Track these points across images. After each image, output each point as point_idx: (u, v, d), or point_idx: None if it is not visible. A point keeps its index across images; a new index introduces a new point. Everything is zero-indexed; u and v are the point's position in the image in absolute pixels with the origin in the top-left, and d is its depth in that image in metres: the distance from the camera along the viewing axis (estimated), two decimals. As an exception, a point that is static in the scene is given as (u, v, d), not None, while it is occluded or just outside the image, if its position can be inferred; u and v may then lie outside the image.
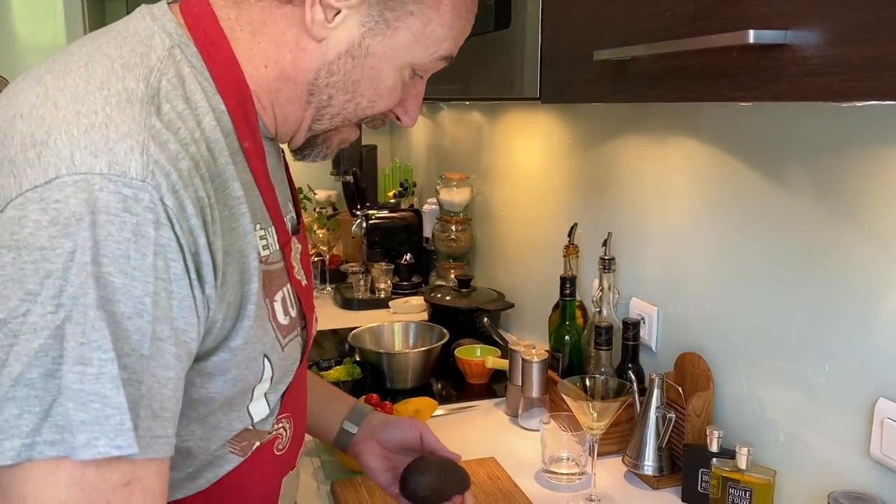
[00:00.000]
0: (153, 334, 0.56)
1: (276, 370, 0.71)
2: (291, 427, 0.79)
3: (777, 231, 1.10)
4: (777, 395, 1.12)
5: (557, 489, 1.22)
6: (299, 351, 0.76)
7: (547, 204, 1.82)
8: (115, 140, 0.56)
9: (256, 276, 0.66)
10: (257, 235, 0.68)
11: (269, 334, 0.69)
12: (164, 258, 0.57)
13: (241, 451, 0.72)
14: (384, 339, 1.77)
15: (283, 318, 0.72)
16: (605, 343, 1.36)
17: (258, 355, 0.68)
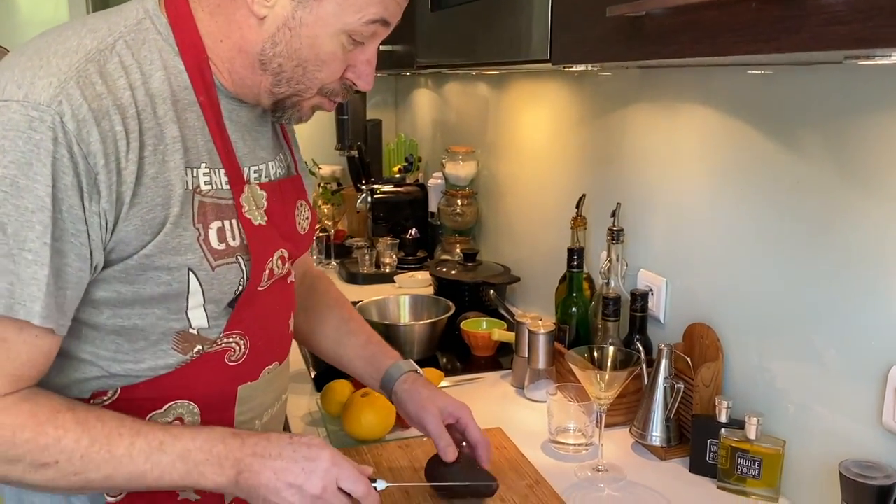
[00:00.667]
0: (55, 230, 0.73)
1: (206, 286, 0.85)
2: (247, 344, 0.92)
3: (789, 198, 1.08)
4: (787, 366, 1.11)
5: (564, 459, 1.22)
6: (238, 277, 0.88)
7: (554, 176, 1.80)
8: (40, 77, 0.74)
9: (180, 202, 0.81)
10: (195, 171, 0.83)
11: (194, 252, 0.83)
12: (61, 170, 0.73)
13: (181, 350, 0.87)
14: (390, 312, 1.76)
15: (216, 243, 0.85)
16: (613, 314, 1.35)
17: (180, 267, 0.82)
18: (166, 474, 0.79)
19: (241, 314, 0.90)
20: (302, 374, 1.58)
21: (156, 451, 0.79)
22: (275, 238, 0.94)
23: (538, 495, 1.08)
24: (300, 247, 1.03)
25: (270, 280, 0.95)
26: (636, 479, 1.15)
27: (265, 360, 0.97)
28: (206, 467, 0.80)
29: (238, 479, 0.81)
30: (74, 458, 0.76)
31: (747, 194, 1.16)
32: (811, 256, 1.05)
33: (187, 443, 0.80)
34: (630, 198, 1.45)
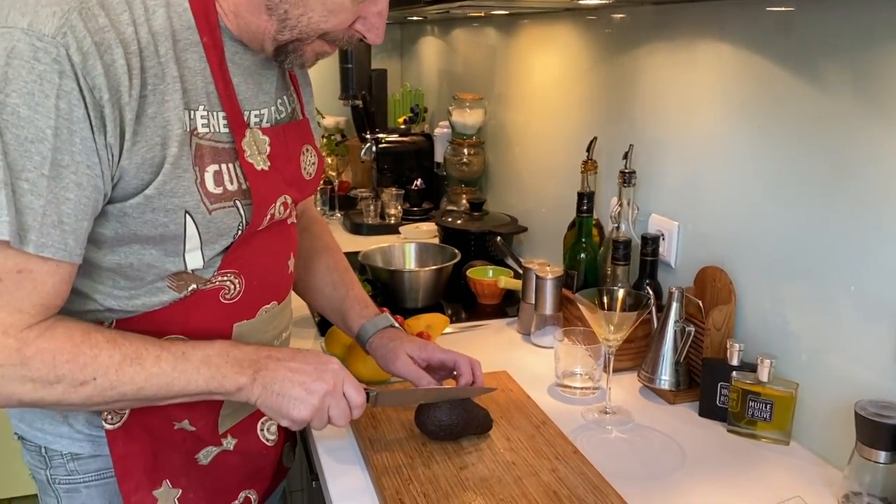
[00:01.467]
0: (54, 160, 0.72)
1: (203, 229, 0.84)
2: (242, 283, 0.92)
3: (809, 136, 1.04)
4: (801, 309, 1.08)
5: (571, 402, 1.20)
6: (236, 221, 0.87)
7: (564, 123, 1.76)
8: (44, 6, 0.72)
9: (178, 143, 0.80)
10: (192, 113, 0.81)
11: (192, 195, 0.82)
12: (66, 102, 0.72)
13: (176, 288, 0.87)
14: (395, 259, 1.74)
15: (212, 187, 0.84)
16: (623, 258, 1.32)
17: (177, 209, 0.81)
18: (192, 381, 0.82)
19: (236, 253, 0.90)
20: (306, 318, 1.56)
21: (180, 360, 0.82)
22: (278, 184, 0.92)
23: (544, 435, 1.06)
24: (305, 192, 1.00)
25: (269, 223, 0.93)
26: (644, 421, 1.14)
27: (262, 300, 0.96)
28: (227, 368, 0.84)
29: (256, 377, 0.85)
30: (110, 373, 0.78)
31: (765, 133, 1.12)
32: (830, 196, 1.01)
33: (206, 350, 0.84)
34: (642, 140, 1.41)
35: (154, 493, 0.92)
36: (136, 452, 0.90)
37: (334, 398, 0.89)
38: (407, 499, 0.91)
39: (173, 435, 0.93)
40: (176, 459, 0.94)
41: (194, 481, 0.96)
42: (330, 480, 0.99)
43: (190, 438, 0.94)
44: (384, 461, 0.99)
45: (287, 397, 0.86)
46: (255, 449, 1.02)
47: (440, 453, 1.01)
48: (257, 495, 1.05)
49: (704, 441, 1.08)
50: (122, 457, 0.89)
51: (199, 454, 0.96)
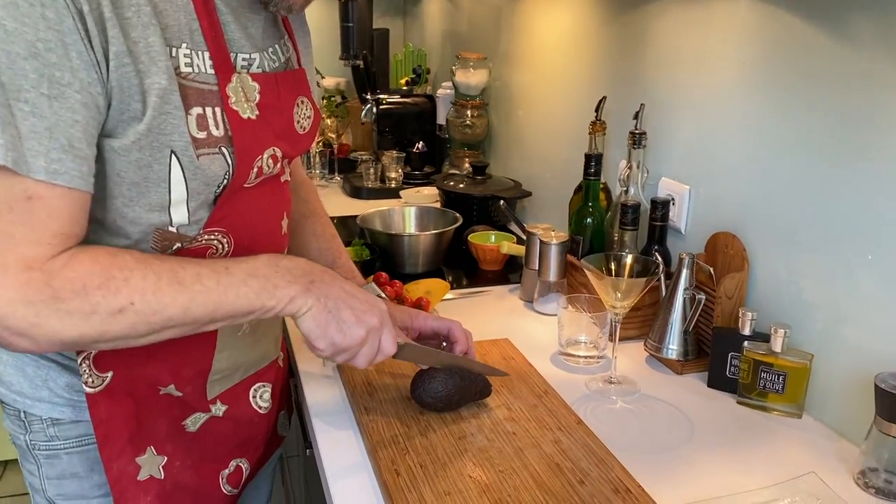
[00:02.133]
0: (52, 78, 0.67)
1: (189, 175, 0.78)
2: (231, 243, 0.86)
3: (832, 94, 0.98)
4: (817, 278, 1.03)
5: (574, 371, 1.16)
6: (223, 170, 0.81)
7: (571, 84, 1.69)
8: None
9: (166, 75, 0.73)
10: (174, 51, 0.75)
11: (181, 135, 0.76)
12: (54, 11, 0.66)
13: (160, 248, 0.81)
14: (394, 223, 1.69)
15: (196, 131, 0.78)
16: (632, 223, 1.26)
17: (163, 147, 0.75)
18: (242, 295, 0.76)
19: (223, 211, 0.84)
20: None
21: (224, 275, 0.76)
22: (266, 135, 0.86)
23: (546, 405, 1.02)
24: (298, 147, 0.94)
25: (259, 178, 0.87)
26: (650, 392, 1.10)
27: None
28: (278, 278, 0.79)
29: (310, 287, 0.80)
30: (147, 294, 0.72)
31: (784, 91, 1.06)
32: (851, 160, 0.96)
33: (252, 262, 0.79)
34: (653, 101, 1.35)
35: (137, 459, 0.88)
36: (119, 417, 0.86)
37: (375, 336, 0.85)
38: (402, 469, 0.87)
39: (159, 400, 0.89)
40: (161, 425, 0.90)
41: (181, 448, 0.92)
42: (324, 450, 0.95)
43: (176, 404, 0.90)
44: (380, 430, 0.95)
45: (337, 318, 0.81)
46: (246, 416, 0.98)
47: (438, 422, 0.97)
48: (249, 464, 1.02)
49: (713, 413, 1.04)
50: (104, 422, 0.85)
51: (186, 420, 0.92)
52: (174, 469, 0.91)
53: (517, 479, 0.85)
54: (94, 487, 0.89)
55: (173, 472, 0.91)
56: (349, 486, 0.88)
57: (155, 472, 0.89)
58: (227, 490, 0.99)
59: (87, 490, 0.89)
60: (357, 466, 0.91)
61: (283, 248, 0.98)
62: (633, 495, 0.83)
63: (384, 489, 0.85)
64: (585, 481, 0.85)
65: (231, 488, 0.99)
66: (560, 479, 0.86)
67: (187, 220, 0.81)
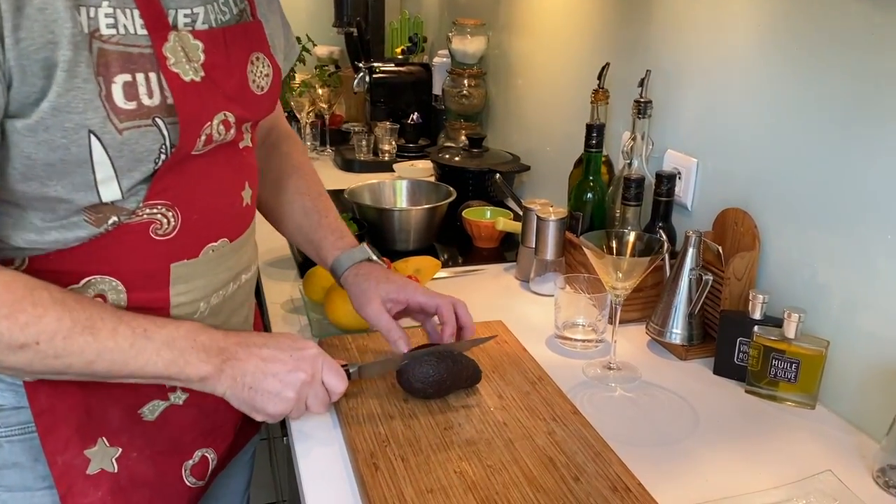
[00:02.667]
0: None
1: (114, 153, 0.70)
2: (178, 217, 0.78)
3: (855, 56, 0.89)
4: (832, 259, 0.95)
5: (571, 356, 1.09)
6: (157, 143, 0.73)
7: (573, 52, 1.60)
8: None
9: (71, 46, 0.65)
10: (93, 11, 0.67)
11: (96, 111, 0.68)
12: None
13: (94, 222, 0.74)
14: (384, 197, 1.61)
15: (122, 101, 0.69)
16: (635, 198, 1.18)
17: (78, 128, 0.67)
18: (150, 362, 0.74)
19: (166, 182, 0.76)
20: (287, 259, 1.44)
21: (140, 338, 0.73)
22: (215, 98, 0.77)
23: (540, 393, 0.95)
24: (255, 109, 0.85)
25: (208, 146, 0.79)
26: (652, 379, 1.02)
27: (206, 237, 0.83)
28: (191, 355, 0.76)
29: (223, 367, 0.77)
30: (56, 339, 0.69)
31: (804, 55, 0.97)
32: (874, 132, 0.87)
33: (172, 330, 0.75)
34: (660, 69, 1.26)
35: (86, 452, 0.80)
36: (63, 407, 0.78)
37: (312, 388, 0.81)
38: (382, 463, 0.80)
39: (111, 387, 0.80)
40: (114, 414, 0.82)
41: (138, 439, 0.84)
42: (298, 440, 0.88)
43: (131, 391, 0.82)
44: (359, 418, 0.88)
45: (260, 391, 0.78)
46: (210, 404, 0.90)
47: (423, 411, 0.90)
48: (216, 454, 0.94)
49: (719, 402, 0.97)
50: (45, 412, 0.77)
51: (143, 409, 0.84)
52: (130, 461, 0.83)
53: (506, 475, 0.78)
54: (39, 479, 0.81)
55: (129, 465, 0.83)
56: (323, 479, 0.81)
57: (107, 465, 0.82)
58: (190, 482, 0.91)
59: (30, 481, 0.81)
60: (334, 458, 0.84)
61: (248, 221, 0.90)
62: (633, 494, 0.76)
63: (361, 485, 0.78)
64: (581, 478, 0.78)
65: (196, 480, 0.92)
66: (553, 475, 0.79)
67: (121, 196, 0.73)
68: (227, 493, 1.11)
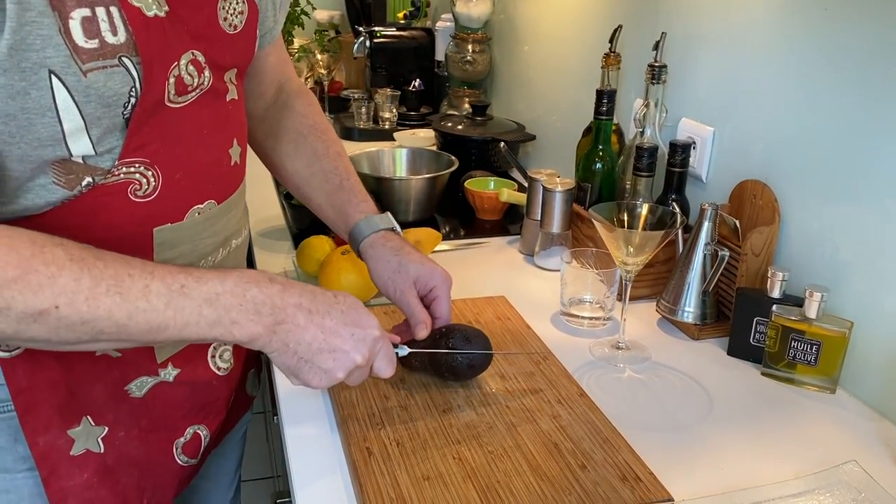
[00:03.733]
0: None
1: (80, 98, 0.63)
2: (158, 176, 0.72)
3: (883, 19, 0.82)
4: (856, 235, 0.89)
5: (577, 334, 1.03)
6: (126, 85, 0.66)
7: (583, 15, 1.52)
8: None
9: None
10: None
11: (56, 49, 0.61)
12: None
13: (66, 185, 0.67)
14: (384, 166, 1.54)
15: (82, 39, 0.62)
16: (647, 168, 1.12)
17: (37, 67, 0.61)
18: (192, 323, 0.65)
19: (143, 137, 0.69)
20: (282, 230, 1.39)
21: (177, 295, 0.64)
22: (181, 36, 0.70)
23: (545, 373, 0.90)
24: (228, 51, 0.77)
25: (187, 95, 0.72)
26: (663, 359, 0.97)
27: (191, 198, 0.76)
28: (239, 313, 0.66)
29: (276, 329, 0.68)
30: (77, 301, 0.60)
31: (825, 14, 0.90)
32: (916, 92, 0.81)
33: (215, 285, 0.66)
34: (675, 30, 1.19)
35: (69, 432, 0.75)
36: (44, 385, 0.73)
37: (362, 371, 0.73)
38: (375, 447, 0.75)
39: (96, 363, 0.76)
40: (99, 391, 0.77)
41: (125, 417, 0.79)
42: (288, 422, 0.83)
43: (116, 366, 0.77)
44: (353, 399, 0.83)
45: (312, 364, 0.70)
46: (203, 379, 0.86)
47: (420, 391, 0.85)
48: (208, 430, 0.89)
49: (734, 385, 0.92)
50: (24, 390, 0.72)
51: (129, 385, 0.79)
52: (117, 440, 0.79)
53: (508, 462, 0.74)
54: (20, 460, 0.76)
55: (116, 444, 0.79)
56: (313, 465, 0.76)
57: (92, 445, 0.77)
58: (182, 461, 0.87)
59: (10, 463, 0.76)
60: (325, 441, 0.79)
61: (237, 182, 0.84)
62: (644, 484, 0.71)
63: (353, 471, 0.73)
64: (588, 466, 0.73)
65: (188, 458, 0.88)
66: (559, 462, 0.74)
67: (93, 151, 0.66)
68: (219, 471, 1.07)
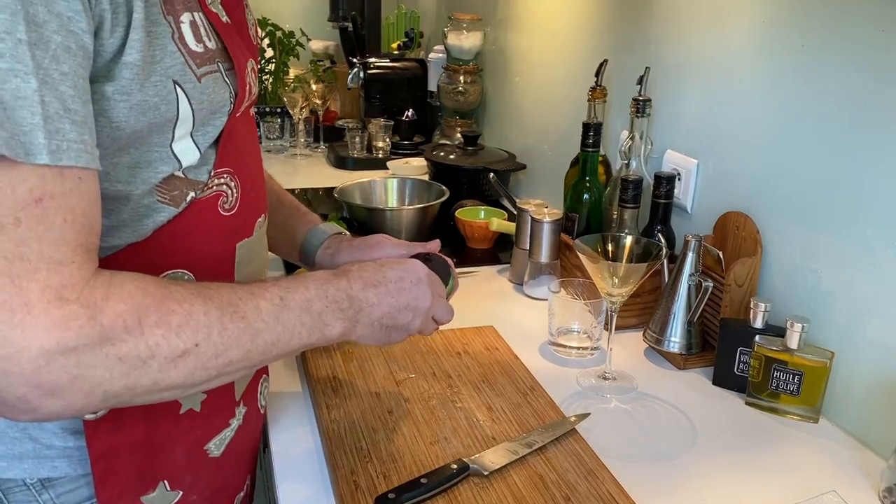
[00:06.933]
0: (27, 16, 0.49)
1: (196, 105, 0.63)
2: (238, 186, 0.71)
3: (864, 53, 0.85)
4: (838, 265, 0.91)
5: (565, 364, 1.05)
6: (227, 92, 0.66)
7: (572, 48, 1.56)
8: None
9: None
10: None
11: (175, 57, 0.60)
12: None
13: (171, 201, 0.65)
14: (375, 196, 1.56)
15: (194, 43, 0.62)
16: (632, 200, 1.14)
17: (164, 79, 0.59)
18: (296, 334, 0.66)
19: (227, 146, 0.69)
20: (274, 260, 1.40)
21: (282, 310, 0.64)
22: (245, 43, 0.71)
23: (532, 405, 0.91)
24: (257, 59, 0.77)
25: (247, 102, 0.71)
26: (649, 389, 0.98)
27: (256, 210, 0.76)
28: (329, 315, 0.68)
29: (358, 318, 0.71)
30: (213, 334, 0.58)
31: (808, 52, 0.93)
32: (881, 129, 0.83)
33: (303, 292, 0.67)
34: (660, 66, 1.22)
35: (143, 498, 0.70)
36: (123, 447, 0.67)
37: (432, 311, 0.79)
38: (363, 481, 0.76)
39: (179, 421, 0.71)
40: (180, 454, 0.72)
41: (201, 479, 0.75)
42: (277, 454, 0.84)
43: (200, 424, 0.73)
44: (341, 432, 0.84)
45: (396, 328, 0.75)
46: (254, 420, 0.82)
47: (408, 423, 0.86)
48: (251, 477, 0.86)
49: (718, 414, 0.93)
50: (104, 455, 0.66)
51: (209, 444, 0.75)
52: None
53: (493, 494, 0.74)
54: None
55: None
56: (301, 497, 0.77)
57: None
58: None
59: None
60: (313, 474, 0.80)
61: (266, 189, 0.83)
62: (626, 516, 0.72)
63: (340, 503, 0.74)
64: (572, 498, 0.74)
65: None
66: (543, 494, 0.75)
67: (197, 159, 0.65)
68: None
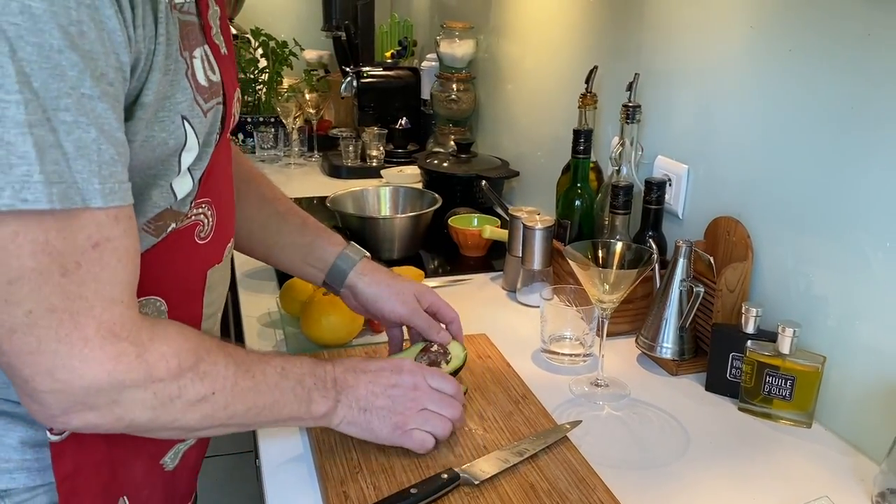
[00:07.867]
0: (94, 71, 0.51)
1: (201, 139, 0.64)
2: (214, 215, 0.72)
3: (852, 57, 0.85)
4: (830, 270, 0.91)
5: (558, 371, 1.04)
6: (219, 122, 0.68)
7: (563, 55, 1.56)
8: None
9: (166, 20, 0.58)
10: None
11: (186, 93, 0.61)
12: None
13: (154, 231, 0.66)
14: (368, 205, 1.56)
15: (202, 78, 0.63)
16: (623, 206, 1.14)
17: (174, 115, 0.61)
18: (288, 402, 0.70)
19: (209, 176, 0.69)
20: (267, 270, 1.40)
21: (282, 378, 0.69)
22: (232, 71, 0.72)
23: (524, 413, 0.90)
24: None
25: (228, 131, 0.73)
26: (641, 396, 0.98)
27: (227, 236, 0.77)
28: (315, 392, 0.72)
29: (339, 398, 0.75)
30: (227, 387, 0.64)
31: (797, 57, 0.93)
32: (870, 133, 0.83)
33: (298, 367, 0.72)
34: (650, 71, 1.22)
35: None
36: (89, 467, 0.68)
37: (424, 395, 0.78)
38: (353, 492, 0.76)
39: (137, 438, 0.69)
40: (138, 468, 0.73)
41: (158, 492, 0.76)
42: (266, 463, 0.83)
43: (157, 440, 0.74)
44: (331, 443, 0.84)
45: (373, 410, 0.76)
46: None
47: (399, 433, 0.86)
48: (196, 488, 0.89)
49: (711, 420, 0.93)
50: (70, 476, 0.66)
51: (165, 458, 0.76)
52: None
53: (484, 503, 0.74)
54: None
55: None
56: None
57: None
58: None
59: None
60: (304, 485, 0.79)
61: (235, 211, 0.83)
62: (618, 524, 0.72)
63: (330, 515, 0.73)
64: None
65: None
66: (534, 502, 0.74)
67: (190, 188, 0.66)
68: None
